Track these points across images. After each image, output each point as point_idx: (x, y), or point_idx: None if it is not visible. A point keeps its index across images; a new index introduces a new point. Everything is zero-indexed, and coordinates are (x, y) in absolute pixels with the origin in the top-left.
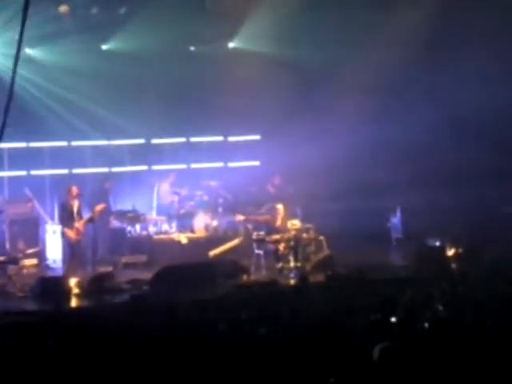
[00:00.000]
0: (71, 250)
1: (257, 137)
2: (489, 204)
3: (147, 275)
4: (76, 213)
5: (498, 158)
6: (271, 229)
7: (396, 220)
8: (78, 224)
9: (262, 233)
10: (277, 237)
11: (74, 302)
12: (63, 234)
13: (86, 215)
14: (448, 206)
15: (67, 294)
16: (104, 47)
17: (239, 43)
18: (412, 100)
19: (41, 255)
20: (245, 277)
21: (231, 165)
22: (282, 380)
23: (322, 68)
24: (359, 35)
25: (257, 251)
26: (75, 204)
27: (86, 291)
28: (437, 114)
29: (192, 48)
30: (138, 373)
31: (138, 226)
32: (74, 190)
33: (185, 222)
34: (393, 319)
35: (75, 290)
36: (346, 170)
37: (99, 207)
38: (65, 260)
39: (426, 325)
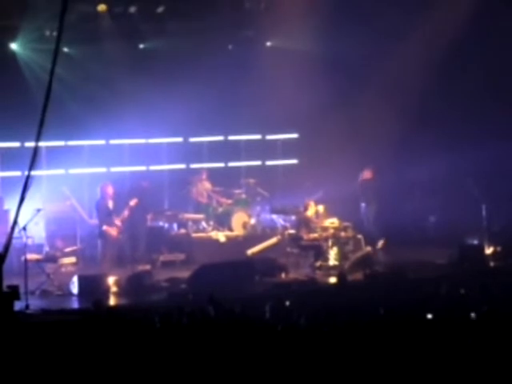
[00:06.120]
0: (111, 248)
1: (295, 135)
2: None
3: (185, 273)
4: (113, 210)
5: None
6: (307, 227)
7: (434, 219)
8: (118, 221)
9: (300, 231)
10: (315, 235)
11: (112, 301)
12: (104, 233)
13: (123, 213)
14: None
15: (105, 292)
16: (141, 46)
17: (277, 42)
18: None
19: (79, 253)
20: (283, 275)
21: (269, 163)
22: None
23: (360, 65)
24: (399, 30)
25: (295, 249)
26: (110, 202)
27: (124, 290)
28: None
29: (230, 47)
30: (175, 370)
31: (175, 225)
32: (110, 188)
33: (223, 221)
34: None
35: (113, 289)
36: (385, 170)
37: (133, 202)
38: (103, 258)
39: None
